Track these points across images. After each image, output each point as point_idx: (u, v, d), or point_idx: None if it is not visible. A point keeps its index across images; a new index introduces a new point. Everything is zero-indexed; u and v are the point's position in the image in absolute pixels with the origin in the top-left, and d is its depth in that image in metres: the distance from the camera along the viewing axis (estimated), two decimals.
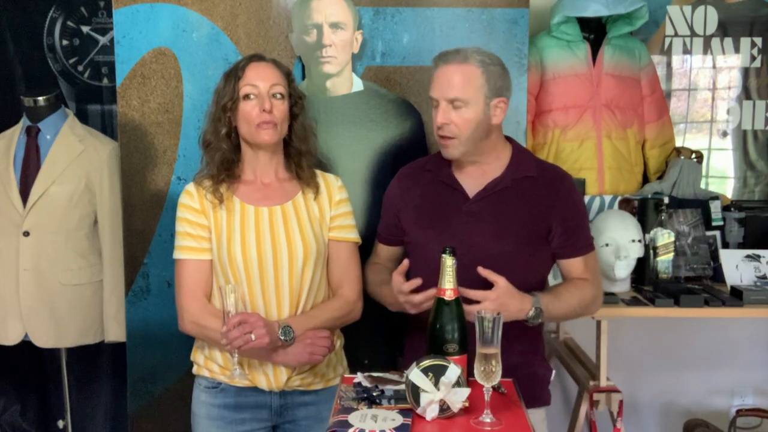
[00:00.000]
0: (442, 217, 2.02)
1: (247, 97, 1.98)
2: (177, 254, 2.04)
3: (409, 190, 2.10)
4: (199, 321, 2.00)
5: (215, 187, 2.02)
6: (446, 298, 1.74)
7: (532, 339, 2.06)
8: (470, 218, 1.99)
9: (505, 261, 1.92)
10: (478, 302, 1.80)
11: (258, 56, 2.05)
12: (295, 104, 2.05)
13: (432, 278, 1.78)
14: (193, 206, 2.03)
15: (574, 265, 2.04)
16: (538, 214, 1.99)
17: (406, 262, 1.90)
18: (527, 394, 1.80)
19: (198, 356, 2.10)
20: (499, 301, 1.81)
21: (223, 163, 2.02)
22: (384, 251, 2.18)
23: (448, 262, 1.72)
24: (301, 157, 2.07)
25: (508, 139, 2.08)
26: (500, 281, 1.83)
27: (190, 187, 2.06)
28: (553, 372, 2.17)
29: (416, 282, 1.84)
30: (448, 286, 1.74)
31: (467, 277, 1.85)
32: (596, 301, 2.07)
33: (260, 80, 1.98)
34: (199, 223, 2.02)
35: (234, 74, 2.00)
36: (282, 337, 1.91)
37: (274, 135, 1.99)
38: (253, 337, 1.84)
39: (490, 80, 1.93)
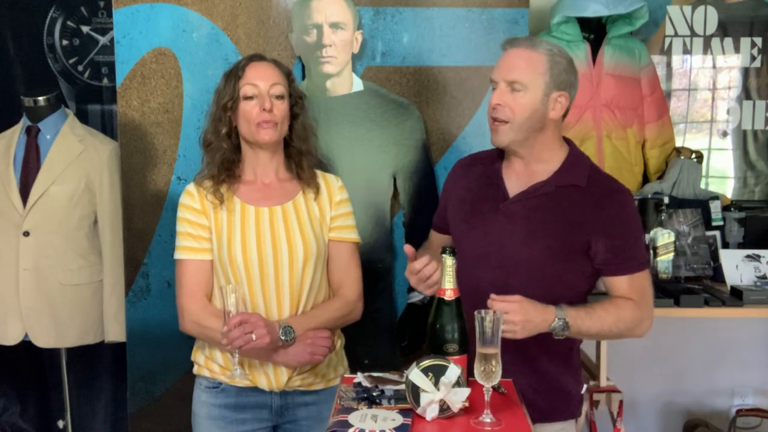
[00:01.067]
0: (479, 213, 1.96)
1: (247, 96, 1.98)
2: (177, 254, 2.04)
3: (458, 181, 2.06)
4: (199, 321, 2.00)
5: (216, 187, 2.02)
6: (446, 298, 1.74)
7: (564, 352, 1.98)
8: (505, 219, 1.92)
9: (533, 269, 1.87)
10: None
11: (258, 56, 2.05)
12: (295, 104, 2.04)
13: (465, 271, 1.77)
14: (193, 206, 2.03)
15: (617, 283, 1.91)
16: (575, 227, 1.88)
17: (409, 248, 1.86)
18: (555, 407, 1.78)
19: (198, 356, 2.10)
20: (522, 305, 1.75)
21: (224, 163, 2.02)
22: (435, 238, 2.15)
23: (448, 262, 1.72)
24: (302, 157, 2.07)
25: (567, 142, 1.98)
26: (515, 296, 1.76)
27: (191, 187, 2.06)
28: (584, 386, 2.08)
29: (424, 260, 1.81)
30: (448, 286, 1.74)
31: (493, 279, 1.84)
32: (641, 324, 1.90)
33: (260, 80, 1.98)
34: (200, 224, 2.02)
35: (234, 74, 2.00)
36: (282, 337, 1.91)
37: (274, 134, 1.99)
38: (253, 337, 1.84)
39: (554, 69, 1.85)
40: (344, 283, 2.09)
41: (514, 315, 1.72)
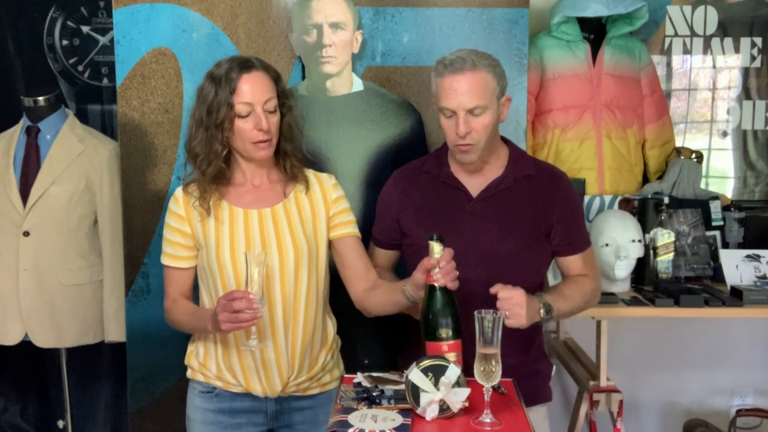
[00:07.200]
0: (445, 216, 2.01)
1: (241, 115, 1.91)
2: (161, 258, 2.06)
3: (408, 192, 2.08)
4: (168, 316, 2.04)
5: (203, 195, 1.97)
6: (437, 284, 1.74)
7: (530, 335, 2.04)
8: (474, 217, 1.99)
9: (509, 259, 1.95)
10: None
11: (248, 63, 1.93)
12: (282, 105, 1.98)
13: None
14: (178, 213, 2.00)
15: (573, 262, 2.06)
16: (539, 213, 2.01)
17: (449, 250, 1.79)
18: (529, 392, 1.80)
19: (192, 361, 2.08)
20: (522, 294, 1.80)
21: (215, 175, 1.97)
22: (382, 255, 2.16)
23: (436, 248, 1.72)
24: (289, 157, 2.02)
25: (503, 139, 2.09)
26: (517, 288, 1.80)
27: (178, 192, 2.02)
28: (554, 367, 2.17)
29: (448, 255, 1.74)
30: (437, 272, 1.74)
31: (472, 276, 1.85)
32: (596, 293, 2.10)
33: (255, 96, 1.90)
34: (181, 230, 2.00)
35: (227, 85, 1.89)
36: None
37: (271, 150, 1.96)
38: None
39: (500, 82, 1.94)
40: (369, 267, 2.06)
41: (520, 306, 1.78)
